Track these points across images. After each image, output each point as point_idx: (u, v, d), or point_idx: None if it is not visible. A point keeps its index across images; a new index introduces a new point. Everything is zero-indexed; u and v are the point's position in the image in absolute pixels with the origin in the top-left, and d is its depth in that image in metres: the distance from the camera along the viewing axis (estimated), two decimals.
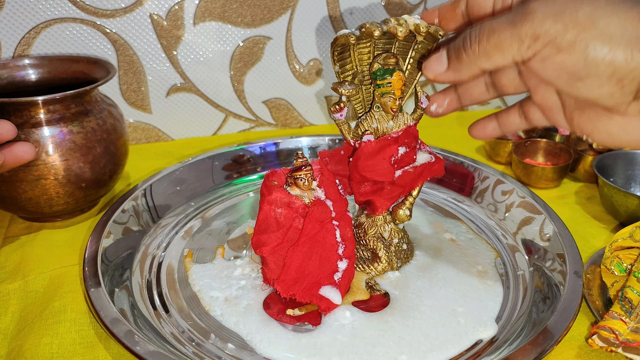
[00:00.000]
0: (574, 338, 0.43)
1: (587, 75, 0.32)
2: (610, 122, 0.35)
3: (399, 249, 0.49)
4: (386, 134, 0.45)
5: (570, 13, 0.31)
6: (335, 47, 0.41)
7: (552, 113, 0.39)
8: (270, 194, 0.44)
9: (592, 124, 0.36)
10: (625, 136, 0.35)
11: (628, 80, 0.31)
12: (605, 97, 0.33)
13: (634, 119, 0.34)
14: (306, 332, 0.43)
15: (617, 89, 0.32)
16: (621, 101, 0.33)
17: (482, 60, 0.35)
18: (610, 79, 0.32)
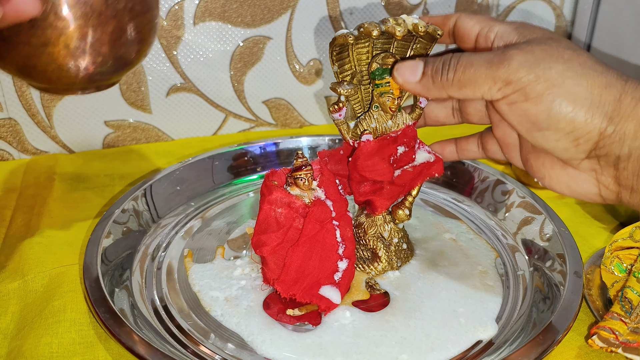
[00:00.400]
0: (574, 338, 0.43)
1: (548, 128, 0.34)
2: (563, 172, 0.36)
3: (398, 248, 0.49)
4: (385, 134, 0.45)
5: (544, 68, 0.33)
6: (333, 47, 0.41)
7: (509, 150, 0.40)
8: (271, 193, 0.44)
9: (545, 170, 0.38)
10: (576, 187, 0.36)
11: (584, 140, 0.33)
12: (560, 150, 0.35)
13: (585, 174, 0.35)
14: (308, 332, 0.43)
15: (573, 145, 0.34)
16: (575, 157, 0.35)
17: (453, 89, 0.36)
18: (567, 136, 0.33)
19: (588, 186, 0.36)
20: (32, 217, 0.56)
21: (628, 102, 0.32)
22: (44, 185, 0.62)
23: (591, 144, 0.33)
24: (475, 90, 0.35)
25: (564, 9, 0.80)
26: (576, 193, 0.37)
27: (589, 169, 0.35)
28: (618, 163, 0.33)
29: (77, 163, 0.68)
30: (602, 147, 0.33)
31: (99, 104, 0.70)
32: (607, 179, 0.34)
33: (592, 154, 0.34)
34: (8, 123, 0.67)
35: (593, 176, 0.35)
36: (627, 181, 0.33)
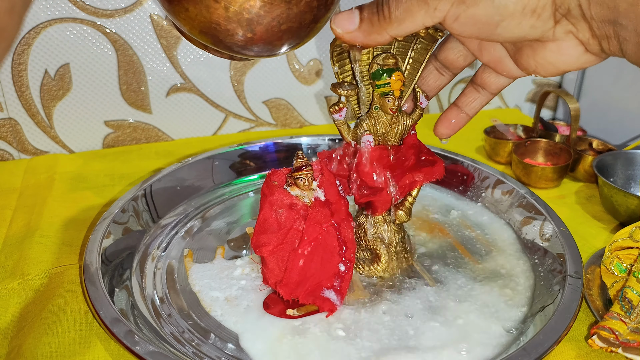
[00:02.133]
0: (574, 338, 0.43)
1: (502, 19, 0.33)
2: (546, 51, 0.36)
3: (399, 249, 0.49)
4: (385, 134, 0.45)
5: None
6: (334, 48, 0.41)
7: (503, 65, 0.39)
8: (272, 194, 0.44)
9: (532, 59, 0.37)
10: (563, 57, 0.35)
11: (540, 8, 0.33)
12: (529, 31, 0.34)
13: (565, 41, 0.34)
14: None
15: (535, 19, 0.33)
16: (545, 29, 0.34)
17: (393, 26, 0.35)
18: (524, 14, 0.33)
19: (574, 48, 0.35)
20: (32, 217, 0.56)
21: None
22: (44, 185, 0.63)
23: (549, 8, 0.33)
24: (414, 20, 0.35)
25: None
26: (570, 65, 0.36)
27: (565, 32, 0.34)
28: (583, 14, 0.33)
29: (77, 163, 0.68)
30: (560, 6, 0.33)
31: (99, 104, 0.70)
32: (585, 34, 0.34)
33: (557, 16, 0.34)
34: (8, 123, 0.67)
35: (572, 38, 0.34)
36: (600, 30, 0.33)
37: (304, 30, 0.39)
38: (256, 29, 0.37)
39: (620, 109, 0.80)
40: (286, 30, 0.38)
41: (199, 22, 0.37)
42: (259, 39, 0.38)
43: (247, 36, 0.37)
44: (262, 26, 0.37)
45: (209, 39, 0.38)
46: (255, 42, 0.38)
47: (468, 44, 0.41)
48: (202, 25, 0.37)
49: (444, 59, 0.43)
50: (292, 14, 0.37)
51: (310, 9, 0.38)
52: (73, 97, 0.68)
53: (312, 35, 0.40)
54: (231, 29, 0.37)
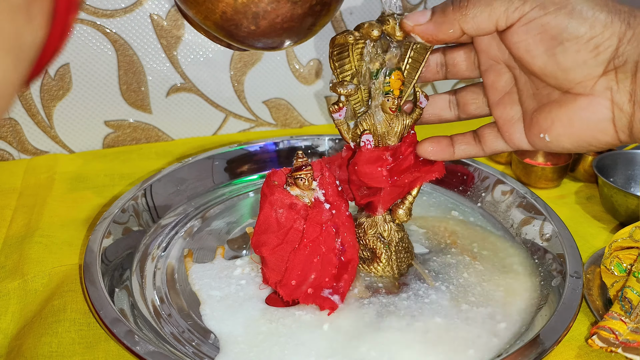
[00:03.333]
0: (574, 338, 0.43)
1: (569, 38, 0.34)
2: (575, 106, 0.36)
3: (398, 248, 0.49)
4: (385, 134, 0.45)
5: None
6: (333, 47, 0.41)
7: (510, 125, 0.40)
8: (272, 194, 0.44)
9: (553, 114, 0.37)
10: (590, 119, 0.35)
11: (604, 47, 0.33)
12: (579, 66, 0.34)
13: (599, 98, 0.35)
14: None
15: (592, 55, 0.34)
16: (592, 72, 0.34)
17: (468, 18, 0.36)
18: (588, 43, 0.33)
19: (601, 113, 0.35)
20: (32, 217, 0.56)
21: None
22: (44, 185, 0.63)
23: (610, 52, 0.33)
24: (491, 15, 0.35)
25: None
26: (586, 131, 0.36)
27: (604, 89, 0.34)
28: (636, 71, 0.33)
29: (77, 163, 0.68)
30: (621, 55, 0.33)
31: (99, 104, 0.70)
32: (622, 97, 0.34)
33: (610, 65, 0.34)
34: (8, 123, 0.67)
35: (607, 97, 0.35)
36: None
37: (304, 31, 0.40)
38: (260, 23, 0.38)
39: None
40: (288, 29, 0.39)
41: (206, 8, 0.38)
42: (260, 33, 0.39)
43: (250, 29, 0.38)
44: (266, 21, 0.38)
45: (212, 26, 0.39)
46: (257, 35, 0.39)
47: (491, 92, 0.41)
48: (208, 11, 0.38)
49: (460, 97, 0.44)
50: (295, 14, 0.38)
51: (313, 12, 0.39)
52: (73, 97, 0.68)
53: (310, 37, 0.42)
54: (237, 19, 0.38)
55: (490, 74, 0.41)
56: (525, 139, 0.40)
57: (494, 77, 0.41)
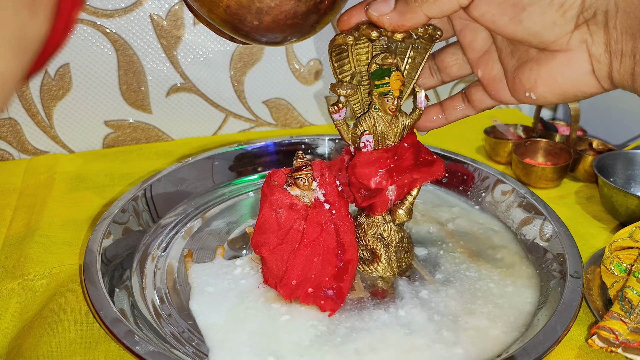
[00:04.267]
0: (574, 338, 0.43)
1: (530, 3, 0.33)
2: (554, 62, 0.35)
3: (399, 248, 0.49)
4: (384, 134, 0.45)
5: None
6: (333, 48, 0.41)
7: (495, 83, 0.40)
8: (273, 194, 0.44)
9: (535, 73, 0.37)
10: (571, 75, 0.35)
11: (569, 4, 0.33)
12: (548, 26, 0.34)
13: (576, 52, 0.34)
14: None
15: (559, 14, 0.33)
16: (563, 30, 0.34)
17: (430, 5, 0.36)
18: (551, 4, 0.33)
19: (580, 66, 0.35)
20: (32, 217, 0.56)
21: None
22: (44, 185, 0.63)
23: (577, 7, 0.33)
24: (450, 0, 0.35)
25: None
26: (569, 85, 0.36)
27: (579, 42, 0.34)
28: (607, 22, 0.32)
29: (77, 163, 0.68)
30: (588, 8, 0.33)
31: (99, 104, 0.70)
32: (598, 48, 0.34)
33: (580, 19, 0.33)
34: (8, 123, 0.67)
35: (584, 50, 0.34)
36: (617, 45, 0.33)
37: (307, 28, 0.40)
38: (263, 19, 0.38)
39: (620, 109, 0.80)
40: (291, 25, 0.39)
41: (211, 1, 0.38)
42: (263, 28, 0.39)
43: (254, 24, 0.39)
44: (269, 17, 0.38)
45: (216, 19, 0.40)
46: (260, 30, 0.39)
47: (469, 52, 0.41)
48: (213, 4, 0.39)
49: (440, 61, 0.44)
50: (299, 11, 0.38)
51: (317, 10, 0.39)
52: (73, 97, 0.68)
53: (313, 34, 0.42)
54: (240, 13, 0.38)
55: (466, 33, 0.40)
56: (510, 96, 0.40)
57: (470, 36, 0.40)
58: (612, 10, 0.32)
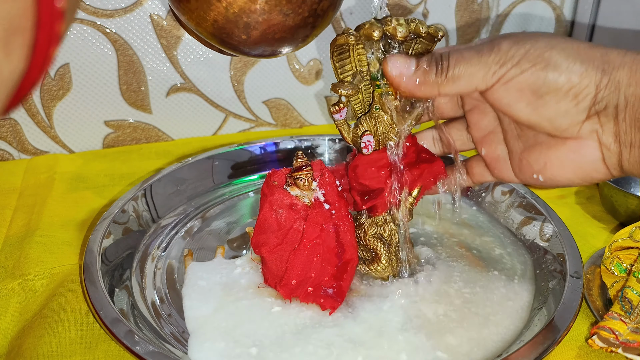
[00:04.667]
0: (574, 338, 0.43)
1: (548, 91, 0.35)
2: (564, 149, 0.37)
3: (399, 249, 0.49)
4: (385, 134, 0.45)
5: (532, 41, 0.35)
6: (334, 48, 0.41)
7: (498, 164, 0.41)
8: (272, 194, 0.44)
9: (544, 157, 0.38)
10: (580, 162, 0.36)
11: (582, 95, 0.34)
12: (562, 115, 0.35)
13: (587, 141, 0.36)
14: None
15: (573, 105, 0.35)
16: (576, 120, 0.35)
17: (448, 84, 0.37)
18: (567, 95, 0.34)
19: (590, 154, 0.36)
20: (32, 217, 0.56)
21: (615, 54, 0.34)
22: (44, 185, 0.63)
23: (590, 99, 0.34)
24: (470, 81, 0.36)
25: (564, 9, 0.80)
26: (579, 170, 0.37)
27: (589, 131, 0.35)
28: (617, 114, 0.34)
29: (77, 163, 0.68)
30: (600, 101, 0.34)
31: (99, 104, 0.70)
32: (609, 138, 0.35)
33: (591, 110, 0.35)
34: (8, 123, 0.67)
35: (594, 139, 0.35)
36: (627, 136, 0.34)
37: (296, 42, 0.40)
38: (251, 33, 0.38)
39: None
40: (279, 39, 0.39)
41: (198, 15, 0.38)
42: (251, 42, 0.39)
43: (242, 38, 0.39)
44: (257, 32, 0.38)
45: (204, 32, 0.39)
46: (248, 44, 0.39)
47: (474, 130, 0.42)
48: (200, 18, 0.38)
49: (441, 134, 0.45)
50: (287, 26, 0.38)
51: (306, 25, 0.39)
52: (73, 97, 0.68)
53: (301, 47, 0.42)
54: (228, 28, 0.38)
55: (474, 113, 0.42)
56: (515, 177, 0.41)
57: (478, 117, 0.42)
58: (622, 104, 0.33)
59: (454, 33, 0.78)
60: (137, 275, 0.49)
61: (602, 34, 0.75)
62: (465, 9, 0.76)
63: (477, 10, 0.77)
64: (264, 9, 0.37)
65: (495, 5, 0.78)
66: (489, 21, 0.78)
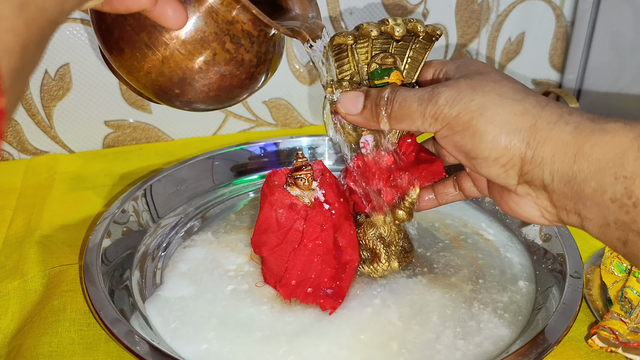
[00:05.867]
0: (574, 338, 0.43)
1: (476, 157, 0.36)
2: (510, 198, 0.38)
3: (398, 248, 0.49)
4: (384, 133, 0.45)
5: (465, 102, 0.36)
6: (332, 48, 0.41)
7: (479, 183, 0.42)
8: (273, 194, 0.44)
9: (499, 195, 0.39)
10: (521, 212, 0.38)
11: (509, 165, 0.35)
12: (494, 176, 0.37)
13: (525, 199, 0.37)
14: None
15: (503, 171, 0.36)
16: (509, 182, 0.36)
17: (391, 122, 0.39)
18: (495, 162, 0.36)
19: (531, 209, 0.37)
20: (32, 217, 0.56)
21: (544, 126, 0.34)
22: (44, 185, 0.63)
23: (517, 170, 0.35)
24: (410, 125, 0.38)
25: (564, 9, 0.80)
26: (525, 217, 0.38)
27: (525, 194, 0.36)
28: (545, 187, 0.35)
29: (77, 163, 0.68)
30: (526, 173, 0.35)
31: (99, 104, 0.70)
32: (544, 202, 0.36)
33: (521, 179, 0.36)
34: (8, 123, 0.67)
35: (531, 200, 0.36)
36: (561, 202, 0.34)
37: (230, 100, 0.40)
38: (185, 89, 0.38)
39: (620, 109, 0.80)
40: (213, 97, 0.39)
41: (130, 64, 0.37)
42: (183, 97, 0.39)
43: (174, 92, 0.38)
44: (191, 87, 0.38)
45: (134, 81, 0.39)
46: (180, 98, 0.39)
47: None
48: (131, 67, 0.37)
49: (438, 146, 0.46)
50: (223, 85, 0.38)
51: (241, 84, 0.39)
52: (73, 97, 0.68)
53: (235, 104, 0.42)
54: (161, 80, 0.38)
55: None
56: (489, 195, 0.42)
57: None
58: (548, 179, 0.34)
59: (454, 33, 0.78)
60: (137, 275, 0.49)
61: (602, 33, 0.75)
62: (465, 9, 0.76)
63: (477, 10, 0.77)
64: (201, 68, 0.37)
65: (495, 5, 0.78)
66: (489, 21, 0.78)
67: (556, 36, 0.82)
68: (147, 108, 0.72)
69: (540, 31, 0.81)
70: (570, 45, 0.81)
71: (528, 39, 0.81)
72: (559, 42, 0.83)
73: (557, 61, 0.84)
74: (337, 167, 0.66)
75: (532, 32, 0.81)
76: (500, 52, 0.81)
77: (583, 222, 0.34)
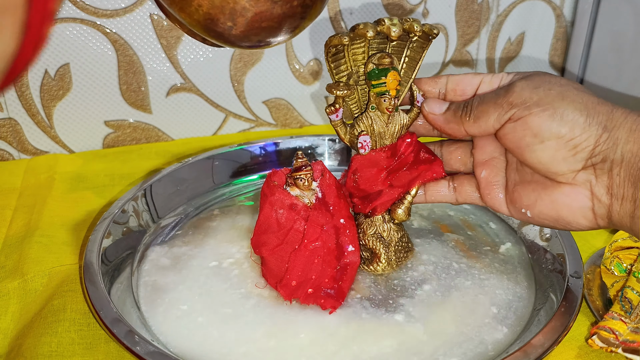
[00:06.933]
0: (574, 338, 0.43)
1: (549, 137, 0.37)
2: (557, 192, 0.39)
3: (398, 248, 0.49)
4: (382, 134, 0.45)
5: (544, 89, 0.38)
6: (329, 49, 0.41)
7: (492, 189, 0.43)
8: (273, 194, 0.44)
9: (536, 194, 0.40)
10: (571, 206, 0.38)
11: (582, 147, 0.36)
12: (559, 161, 0.37)
13: (579, 187, 0.38)
14: None
15: (571, 154, 0.37)
16: (572, 168, 0.37)
17: (470, 122, 0.41)
18: (567, 144, 0.37)
19: (581, 201, 0.38)
20: (32, 217, 0.56)
21: (619, 114, 0.37)
22: (44, 185, 0.63)
23: (588, 152, 0.36)
24: (487, 120, 0.39)
25: (564, 9, 0.80)
26: (568, 214, 0.39)
27: (583, 181, 0.37)
28: (612, 169, 0.36)
29: (77, 163, 0.68)
30: (597, 154, 0.36)
31: (99, 104, 0.70)
32: (601, 189, 0.37)
33: (588, 162, 0.37)
34: (8, 123, 0.67)
35: (587, 188, 0.37)
36: (619, 189, 0.36)
37: (282, 32, 0.40)
38: (237, 20, 0.38)
39: None
40: (265, 28, 0.39)
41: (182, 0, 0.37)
42: (237, 30, 0.38)
43: (227, 25, 0.38)
44: (243, 19, 0.38)
45: (187, 18, 0.38)
46: (233, 32, 0.39)
47: (479, 153, 0.44)
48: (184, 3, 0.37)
49: (446, 150, 0.47)
50: (275, 14, 0.38)
51: (294, 14, 0.38)
52: (73, 97, 0.68)
53: (288, 39, 0.41)
54: (213, 14, 0.37)
55: (483, 137, 0.43)
56: (505, 206, 0.43)
57: (486, 141, 0.44)
58: (618, 159, 0.35)
59: (454, 33, 0.78)
60: (137, 275, 0.49)
61: (602, 33, 0.75)
62: (465, 9, 0.76)
63: (477, 10, 0.77)
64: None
65: (495, 5, 0.78)
66: (489, 21, 0.78)
67: (556, 36, 0.82)
68: (147, 108, 0.72)
69: (540, 31, 0.81)
70: (570, 45, 0.81)
71: (528, 39, 0.81)
72: (559, 42, 0.83)
73: (557, 61, 0.84)
74: (337, 167, 0.66)
75: (532, 32, 0.81)
76: (500, 52, 0.81)
77: (636, 210, 0.35)
